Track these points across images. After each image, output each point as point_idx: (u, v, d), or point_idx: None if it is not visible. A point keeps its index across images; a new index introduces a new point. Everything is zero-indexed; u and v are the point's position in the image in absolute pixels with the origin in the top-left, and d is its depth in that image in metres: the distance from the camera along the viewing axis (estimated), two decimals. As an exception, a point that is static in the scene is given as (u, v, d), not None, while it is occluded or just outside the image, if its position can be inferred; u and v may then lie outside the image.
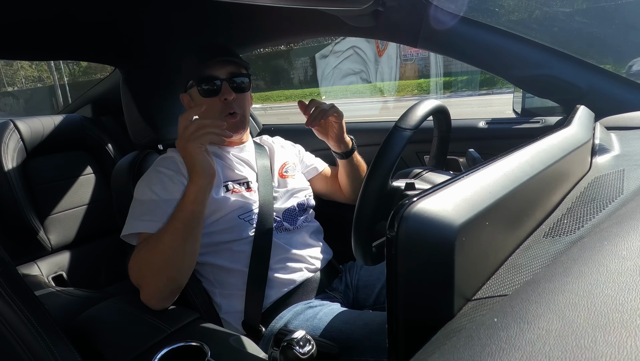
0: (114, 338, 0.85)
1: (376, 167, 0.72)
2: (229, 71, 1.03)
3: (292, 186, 1.16)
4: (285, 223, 1.09)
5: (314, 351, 0.67)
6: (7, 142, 1.48)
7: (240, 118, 1.06)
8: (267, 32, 1.51)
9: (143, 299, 0.88)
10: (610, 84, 1.11)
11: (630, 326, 0.25)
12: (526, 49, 1.17)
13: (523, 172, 0.49)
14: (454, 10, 1.19)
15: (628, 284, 0.29)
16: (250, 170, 1.12)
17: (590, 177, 0.69)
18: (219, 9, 1.27)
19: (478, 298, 0.39)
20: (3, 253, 0.67)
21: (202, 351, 0.71)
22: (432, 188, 0.41)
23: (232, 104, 1.03)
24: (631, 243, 0.35)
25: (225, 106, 1.03)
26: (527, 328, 0.27)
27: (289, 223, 1.09)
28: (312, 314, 0.96)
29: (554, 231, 0.50)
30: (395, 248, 0.36)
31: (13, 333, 0.61)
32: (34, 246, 1.51)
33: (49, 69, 20.30)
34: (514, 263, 0.44)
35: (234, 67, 1.04)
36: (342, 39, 8.47)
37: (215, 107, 1.03)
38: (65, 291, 1.23)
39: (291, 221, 1.10)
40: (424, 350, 0.33)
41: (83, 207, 1.65)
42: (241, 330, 1.00)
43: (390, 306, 0.37)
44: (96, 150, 1.73)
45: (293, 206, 1.12)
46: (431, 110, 0.80)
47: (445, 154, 1.03)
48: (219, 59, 1.02)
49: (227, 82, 1.02)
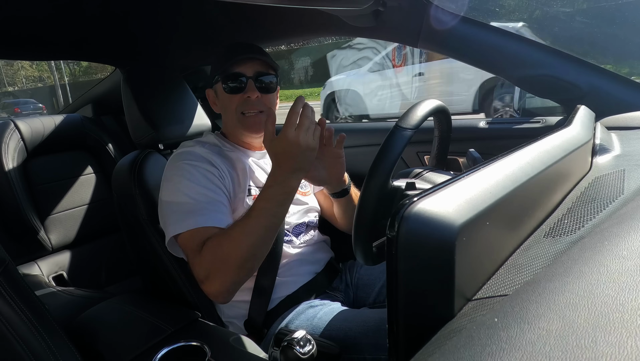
0: (114, 338, 0.85)
1: (377, 167, 0.72)
2: (256, 69, 0.99)
3: (305, 204, 1.14)
4: (293, 236, 1.08)
5: (314, 351, 0.67)
6: (8, 142, 1.48)
7: (262, 117, 1.00)
8: (268, 32, 1.51)
9: (210, 292, 0.84)
10: (611, 84, 1.11)
11: (630, 326, 0.25)
12: (526, 49, 1.17)
13: (523, 173, 0.49)
14: (454, 10, 1.19)
15: (628, 284, 0.29)
16: None
17: (591, 178, 0.69)
18: (219, 9, 1.27)
19: (478, 298, 0.39)
20: (3, 253, 0.67)
21: (202, 351, 0.71)
22: (433, 187, 0.41)
23: (255, 103, 0.99)
24: (631, 243, 0.35)
25: (247, 105, 0.99)
26: (527, 328, 0.27)
27: (296, 235, 1.09)
28: (313, 314, 0.96)
29: (555, 231, 0.50)
30: (396, 248, 0.36)
31: (13, 333, 0.61)
32: (35, 245, 1.51)
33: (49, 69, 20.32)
34: (515, 263, 0.44)
35: (261, 65, 1.00)
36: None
37: (235, 103, 1.00)
38: (65, 291, 1.23)
39: (298, 234, 1.10)
40: (424, 350, 0.33)
41: (83, 207, 1.65)
42: (243, 330, 1.00)
43: (391, 306, 0.37)
44: (97, 150, 1.73)
45: (303, 222, 1.11)
46: (432, 110, 0.80)
47: (446, 154, 1.03)
48: (246, 56, 0.99)
49: (253, 80, 0.99)
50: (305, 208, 1.13)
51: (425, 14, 1.19)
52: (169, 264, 1.05)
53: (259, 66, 1.00)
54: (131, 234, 1.14)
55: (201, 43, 1.53)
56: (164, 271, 1.06)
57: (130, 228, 1.12)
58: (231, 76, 0.99)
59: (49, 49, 1.38)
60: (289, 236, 1.06)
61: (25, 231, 1.48)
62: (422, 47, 1.26)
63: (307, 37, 1.76)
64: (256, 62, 1.00)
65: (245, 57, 0.99)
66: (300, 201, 1.13)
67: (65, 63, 19.62)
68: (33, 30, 1.16)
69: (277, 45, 8.85)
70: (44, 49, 1.37)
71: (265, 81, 1.00)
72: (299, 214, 1.11)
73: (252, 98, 0.98)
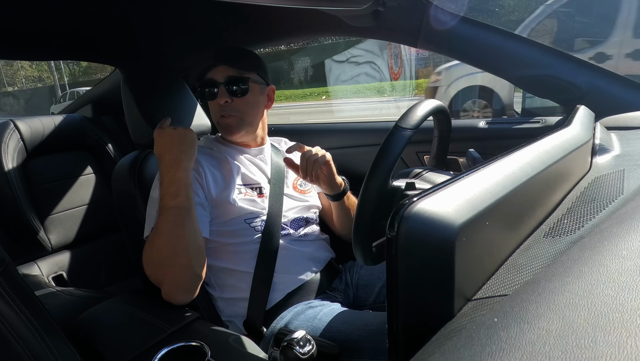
0: (114, 338, 0.85)
1: (376, 167, 0.72)
2: (227, 74, 1.03)
3: (305, 201, 1.15)
4: (291, 229, 1.08)
5: (314, 351, 0.67)
6: (7, 142, 1.48)
7: (234, 120, 1.06)
8: (267, 32, 1.51)
9: (165, 297, 0.87)
10: (611, 84, 1.11)
11: (630, 326, 0.25)
12: (526, 49, 1.17)
13: (523, 173, 0.49)
14: (454, 10, 1.19)
15: (628, 284, 0.29)
16: (263, 176, 1.12)
17: (591, 177, 0.69)
18: (219, 9, 1.27)
19: (478, 298, 0.39)
20: (3, 253, 0.67)
21: (202, 351, 0.71)
22: (433, 187, 0.41)
23: (226, 108, 1.04)
24: (631, 243, 0.35)
25: (222, 109, 1.05)
26: (527, 328, 0.27)
27: (294, 229, 1.09)
28: (313, 314, 0.96)
29: (554, 231, 0.50)
30: (396, 248, 0.36)
31: (13, 333, 0.61)
32: (34, 246, 1.50)
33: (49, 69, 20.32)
34: (514, 263, 0.44)
35: (233, 71, 1.03)
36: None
37: (213, 109, 1.06)
38: (65, 291, 1.23)
39: (297, 228, 1.10)
40: (424, 350, 0.33)
41: (83, 207, 1.65)
42: (243, 331, 1.00)
43: (391, 306, 0.37)
44: (96, 150, 1.73)
45: (302, 217, 1.12)
46: (431, 110, 0.80)
47: (446, 154, 1.03)
48: (217, 63, 1.03)
49: (224, 85, 1.03)
50: (304, 205, 1.14)
51: (425, 14, 1.19)
52: (168, 265, 1.05)
53: (231, 71, 1.03)
54: (131, 234, 1.14)
55: (201, 44, 1.53)
56: (164, 271, 1.06)
57: (130, 228, 1.12)
58: (204, 84, 1.04)
59: (49, 49, 1.38)
60: (286, 230, 1.07)
61: (25, 231, 1.48)
62: (422, 47, 1.26)
63: (307, 37, 1.76)
64: (228, 68, 1.03)
65: (216, 64, 1.03)
66: (299, 198, 1.15)
67: (65, 63, 19.62)
68: (33, 30, 1.16)
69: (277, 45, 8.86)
70: (44, 49, 1.37)
71: (234, 86, 1.03)
72: (297, 209, 1.12)
73: (221, 103, 1.03)
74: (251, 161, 1.12)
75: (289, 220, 1.09)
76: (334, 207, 1.19)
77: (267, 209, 1.04)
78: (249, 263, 1.00)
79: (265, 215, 1.04)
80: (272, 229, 1.03)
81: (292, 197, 1.14)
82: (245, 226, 1.01)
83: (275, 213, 1.05)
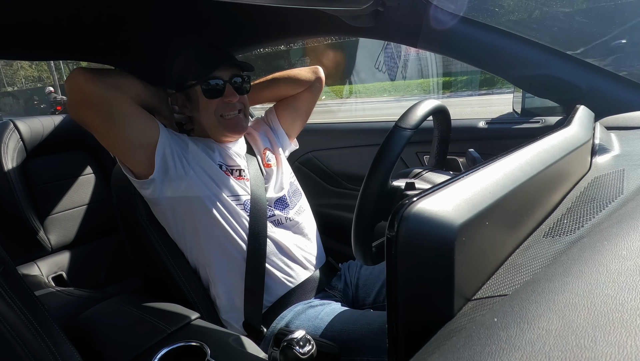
0: (114, 338, 0.85)
1: (376, 167, 0.72)
2: (232, 72, 1.06)
3: (277, 175, 1.18)
4: (276, 210, 1.09)
5: (314, 351, 0.67)
6: (7, 143, 1.48)
7: (240, 117, 1.08)
8: (267, 32, 1.51)
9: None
10: (610, 84, 1.11)
11: (630, 326, 0.25)
12: (526, 49, 1.17)
13: (523, 173, 0.49)
14: (454, 10, 1.19)
15: (628, 284, 0.29)
16: (243, 161, 1.14)
17: (590, 177, 0.69)
18: (219, 9, 1.27)
19: (478, 298, 0.39)
20: (3, 253, 0.67)
21: (202, 351, 0.71)
22: (432, 187, 0.41)
23: (231, 105, 1.06)
24: (631, 243, 0.35)
25: (227, 107, 1.06)
26: (527, 328, 0.27)
27: (280, 210, 1.10)
28: (314, 314, 0.96)
29: (554, 231, 0.50)
30: (395, 248, 0.36)
31: (13, 333, 0.60)
32: (34, 246, 1.50)
33: (49, 69, 20.30)
34: (514, 263, 0.44)
35: (236, 69, 1.07)
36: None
37: (214, 107, 1.06)
38: (65, 291, 1.23)
39: (283, 209, 1.11)
40: (424, 350, 0.33)
41: (83, 207, 1.65)
42: (242, 331, 1.00)
43: (390, 306, 0.37)
44: (96, 150, 1.73)
45: (284, 195, 1.14)
46: (431, 110, 0.80)
47: (445, 154, 1.03)
48: (225, 62, 1.05)
49: (230, 84, 1.05)
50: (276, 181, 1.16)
51: (425, 14, 1.19)
52: (168, 264, 1.05)
53: (234, 69, 1.07)
54: (130, 234, 1.14)
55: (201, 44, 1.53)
56: (163, 271, 1.06)
57: (130, 228, 1.12)
58: (211, 81, 1.04)
59: (49, 49, 1.38)
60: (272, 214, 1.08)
61: (25, 232, 1.48)
62: (422, 47, 1.26)
63: (306, 37, 1.76)
64: (232, 66, 1.07)
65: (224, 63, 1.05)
66: (269, 174, 1.16)
67: (65, 63, 19.58)
68: (33, 30, 1.16)
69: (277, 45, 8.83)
70: (44, 49, 1.37)
71: (239, 82, 1.07)
72: (274, 188, 1.14)
73: (233, 101, 1.05)
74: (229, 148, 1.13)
75: (272, 200, 1.10)
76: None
77: (250, 188, 1.07)
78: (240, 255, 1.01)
79: (249, 195, 1.06)
80: (258, 208, 1.04)
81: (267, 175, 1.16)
82: (232, 207, 1.03)
83: (259, 193, 1.07)
